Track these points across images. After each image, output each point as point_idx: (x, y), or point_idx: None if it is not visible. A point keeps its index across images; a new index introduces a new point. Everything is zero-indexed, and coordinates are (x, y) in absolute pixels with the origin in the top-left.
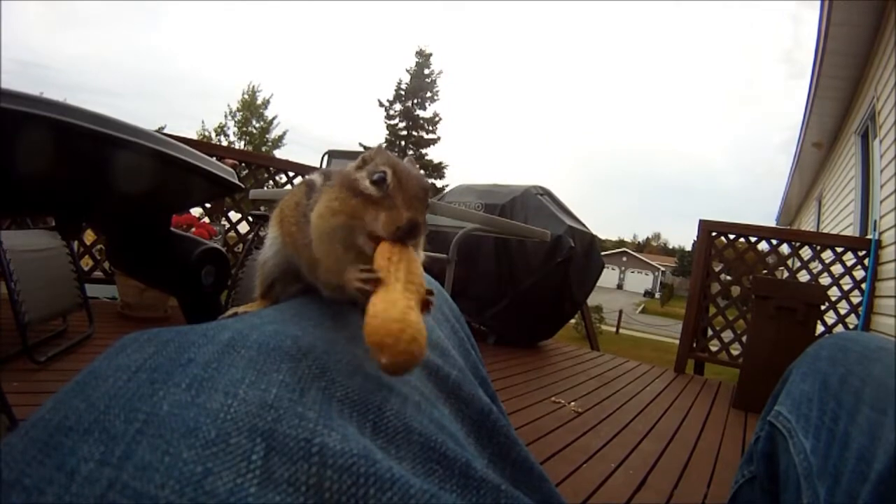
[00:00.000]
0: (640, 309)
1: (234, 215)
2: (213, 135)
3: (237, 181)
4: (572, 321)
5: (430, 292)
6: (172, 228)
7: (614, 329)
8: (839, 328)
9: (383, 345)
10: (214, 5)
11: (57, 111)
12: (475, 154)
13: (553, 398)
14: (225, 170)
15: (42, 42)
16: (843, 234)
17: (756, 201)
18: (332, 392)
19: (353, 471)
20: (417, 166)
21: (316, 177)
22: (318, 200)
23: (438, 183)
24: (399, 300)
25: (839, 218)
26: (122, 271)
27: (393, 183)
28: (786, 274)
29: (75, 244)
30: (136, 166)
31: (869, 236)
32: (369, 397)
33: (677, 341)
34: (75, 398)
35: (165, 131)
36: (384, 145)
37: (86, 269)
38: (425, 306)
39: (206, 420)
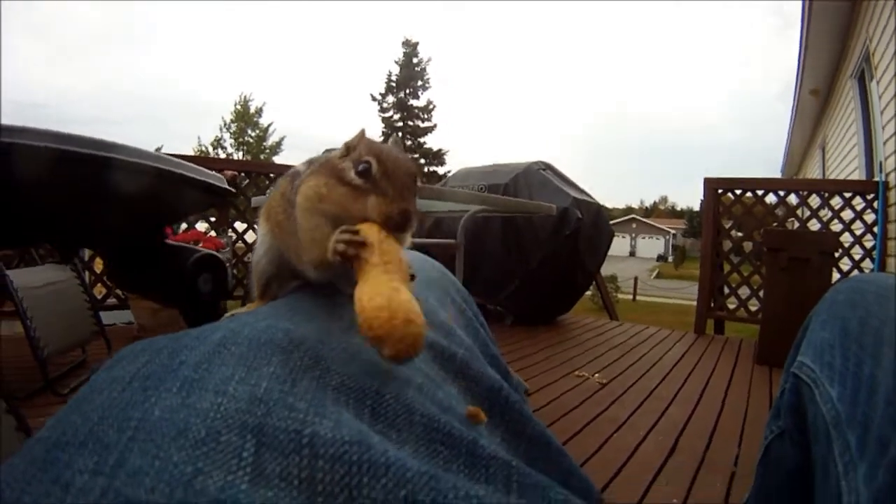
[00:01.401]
0: (654, 274)
1: (240, 225)
2: (210, 149)
3: (227, 186)
4: (588, 293)
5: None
6: (167, 241)
7: (631, 297)
8: (855, 273)
9: (379, 338)
10: (199, 16)
11: (39, 139)
12: (473, 137)
13: (576, 372)
14: (214, 176)
15: (36, 80)
16: (849, 178)
17: (759, 153)
18: (327, 381)
19: (346, 459)
20: (402, 148)
21: (300, 166)
22: (302, 183)
23: (440, 170)
24: (382, 284)
25: (844, 163)
26: (124, 289)
27: (379, 172)
28: (796, 224)
29: (86, 273)
30: (122, 182)
31: (876, 178)
32: (366, 383)
33: (695, 303)
34: (72, 414)
35: (163, 152)
36: (363, 130)
37: (99, 296)
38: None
39: (196, 420)
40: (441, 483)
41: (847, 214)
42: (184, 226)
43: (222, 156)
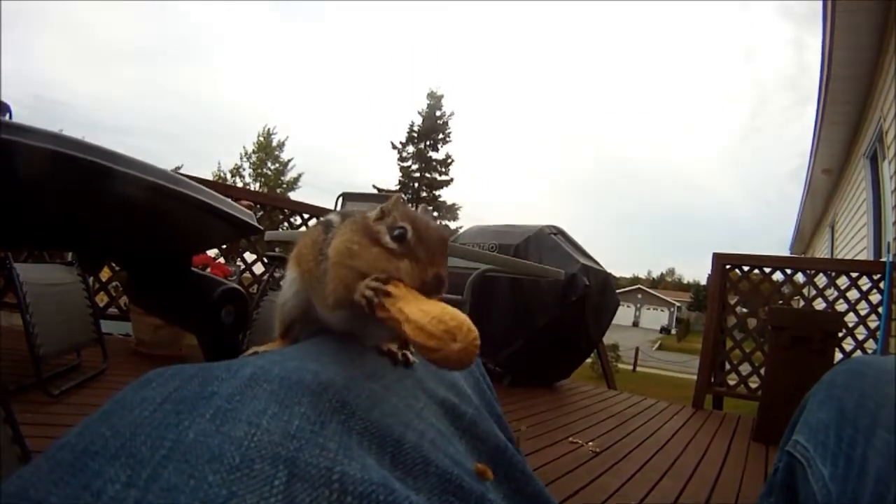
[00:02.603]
0: (656, 346)
1: (249, 256)
2: (229, 176)
3: (256, 223)
4: (588, 360)
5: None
6: (193, 268)
7: (631, 367)
8: (858, 354)
9: (445, 337)
10: (234, 49)
11: (82, 150)
12: (488, 194)
13: (570, 438)
14: (244, 212)
15: (62, 78)
16: (857, 258)
17: (769, 230)
18: (352, 425)
19: (373, 498)
20: (434, 215)
21: (333, 217)
22: (336, 236)
23: (452, 224)
24: (427, 303)
25: (853, 243)
26: (142, 308)
27: (413, 238)
28: (802, 303)
29: (91, 280)
30: (160, 207)
31: (883, 259)
32: (388, 431)
33: (695, 377)
34: (101, 426)
35: (182, 171)
36: (400, 193)
37: (101, 305)
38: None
39: (231, 447)
40: None
41: (853, 294)
42: None
43: (240, 184)
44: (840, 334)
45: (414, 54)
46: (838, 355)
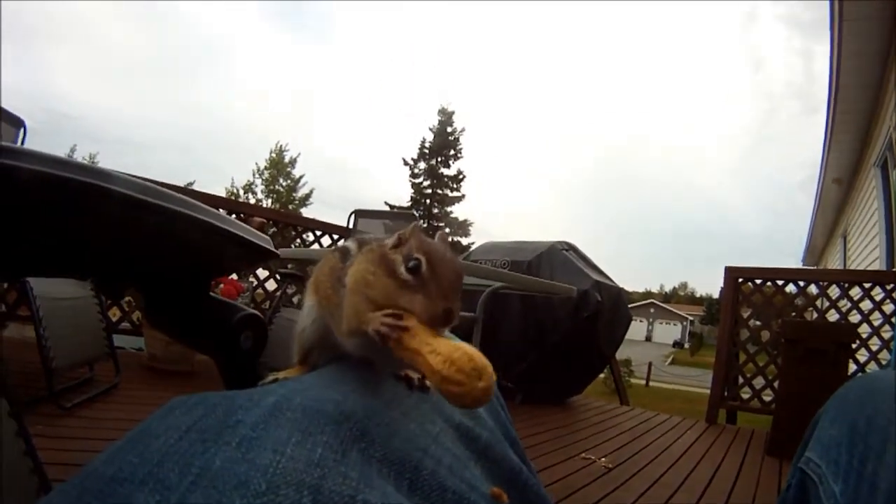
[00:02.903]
0: (669, 360)
1: (261, 273)
2: (241, 192)
3: (273, 248)
4: (601, 376)
5: None
6: (211, 293)
7: (644, 382)
8: (872, 366)
9: (473, 375)
10: (246, 65)
11: (94, 177)
12: (498, 208)
13: (583, 454)
14: (263, 238)
15: (74, 92)
16: (869, 269)
17: (780, 242)
18: (372, 453)
19: None
20: (448, 245)
21: (350, 243)
22: (353, 265)
23: (463, 241)
24: (444, 339)
25: (865, 253)
26: (160, 331)
27: (428, 272)
28: (815, 315)
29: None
30: (179, 235)
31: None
32: (406, 458)
33: (708, 391)
34: (128, 454)
35: (195, 187)
36: (418, 221)
37: (114, 319)
38: None
39: (257, 474)
40: None
41: (866, 305)
42: None
43: (252, 201)
44: (854, 345)
45: (421, 62)
46: (852, 367)
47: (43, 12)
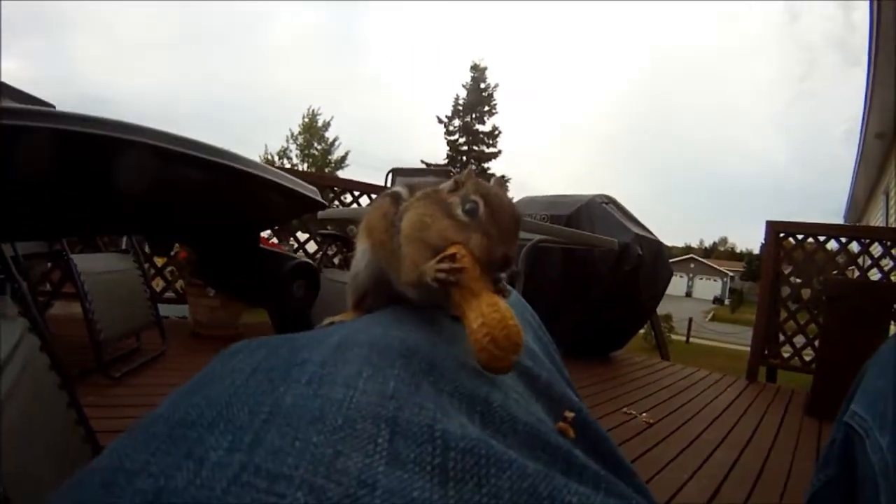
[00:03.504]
0: (709, 316)
1: (301, 235)
2: (277, 158)
3: (320, 198)
4: (642, 331)
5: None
6: (262, 245)
7: (684, 338)
8: None
9: (509, 349)
10: (274, 31)
11: (154, 137)
12: (537, 166)
13: (624, 409)
14: (309, 188)
15: (104, 76)
16: None
17: (821, 198)
18: (442, 386)
19: (475, 452)
20: (507, 190)
21: (401, 189)
22: (408, 209)
23: None
24: (493, 300)
25: None
26: (212, 286)
27: (486, 213)
28: (857, 273)
29: (146, 265)
30: (226, 188)
31: None
32: (475, 391)
33: (748, 349)
34: (193, 397)
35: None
36: (472, 169)
37: (157, 289)
38: None
39: (332, 409)
40: (555, 480)
41: None
42: None
43: (287, 166)
44: None
45: (450, 17)
46: (893, 328)
47: (67, 2)
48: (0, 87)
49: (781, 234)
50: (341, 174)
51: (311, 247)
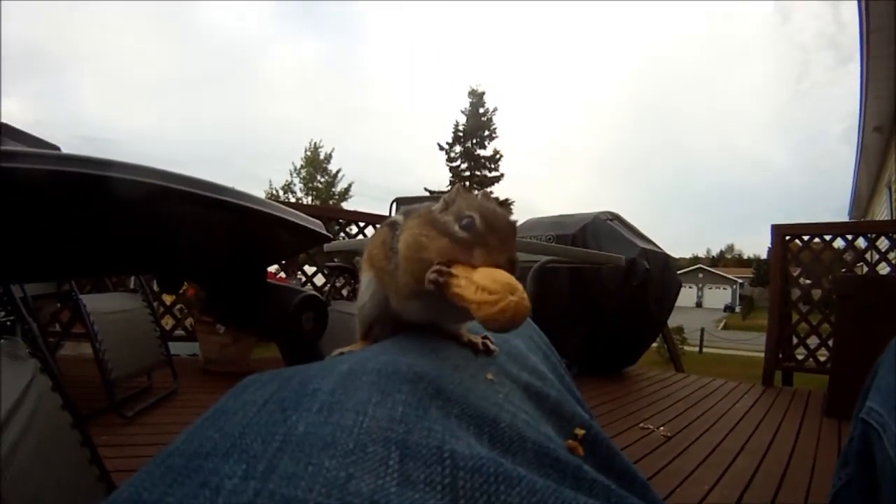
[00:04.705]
0: (721, 325)
1: (308, 268)
2: (281, 193)
3: (324, 231)
4: (654, 344)
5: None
6: (268, 280)
7: (697, 349)
8: None
9: (505, 290)
10: (272, 68)
11: (158, 177)
12: (540, 187)
13: (641, 424)
14: (313, 222)
15: (106, 117)
16: None
17: (825, 197)
18: (450, 409)
19: (484, 471)
20: (497, 201)
21: (398, 217)
22: (403, 231)
23: None
24: (485, 272)
25: None
26: (222, 322)
27: (482, 226)
28: (865, 269)
29: (155, 304)
30: (234, 225)
31: None
32: (483, 412)
33: (763, 354)
34: (207, 430)
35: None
36: (460, 185)
37: (167, 327)
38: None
39: (343, 434)
40: (563, 495)
41: None
42: None
43: (292, 200)
44: None
45: (447, 45)
46: None
47: (66, 45)
48: (0, 129)
49: (787, 237)
50: (346, 206)
51: (320, 279)
